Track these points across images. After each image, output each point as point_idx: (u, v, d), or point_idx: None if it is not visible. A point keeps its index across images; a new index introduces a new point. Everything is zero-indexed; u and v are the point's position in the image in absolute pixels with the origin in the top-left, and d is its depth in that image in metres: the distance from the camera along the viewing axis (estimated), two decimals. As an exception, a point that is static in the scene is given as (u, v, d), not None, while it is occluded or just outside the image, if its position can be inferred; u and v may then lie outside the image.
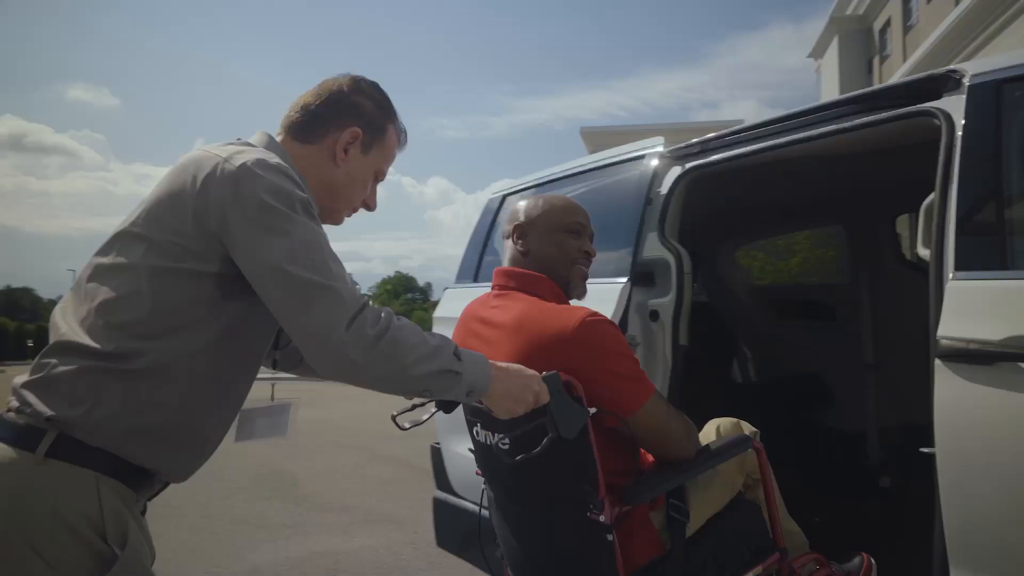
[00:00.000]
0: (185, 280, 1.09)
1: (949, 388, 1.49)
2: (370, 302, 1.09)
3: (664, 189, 2.47)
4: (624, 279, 2.36)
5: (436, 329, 2.99)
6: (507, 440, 1.49)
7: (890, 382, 3.46)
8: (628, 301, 2.33)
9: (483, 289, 1.79)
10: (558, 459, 1.41)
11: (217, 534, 4.19)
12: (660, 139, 2.59)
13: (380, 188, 1.40)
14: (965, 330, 1.49)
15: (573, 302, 1.68)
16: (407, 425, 1.35)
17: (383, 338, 1.05)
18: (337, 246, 1.14)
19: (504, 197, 3.55)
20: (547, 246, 1.65)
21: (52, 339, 1.11)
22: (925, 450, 1.56)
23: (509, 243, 1.70)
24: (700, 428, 1.84)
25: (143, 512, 1.16)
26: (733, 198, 3.21)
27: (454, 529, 2.87)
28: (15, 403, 1.07)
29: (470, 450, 1.63)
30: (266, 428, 1.39)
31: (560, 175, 3.19)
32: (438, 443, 2.97)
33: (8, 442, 1.03)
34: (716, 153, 2.40)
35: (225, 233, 1.07)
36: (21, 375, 1.10)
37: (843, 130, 2.02)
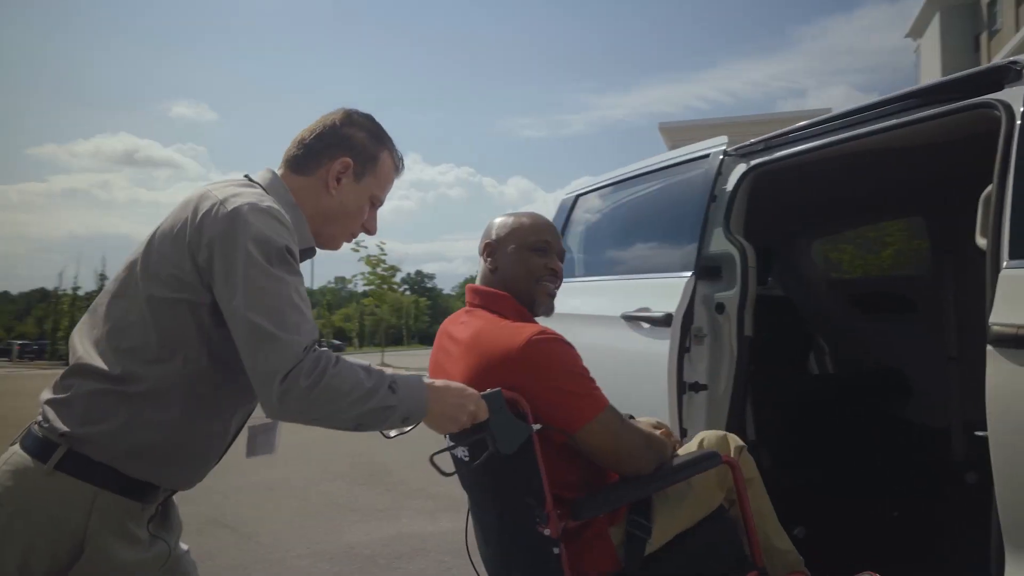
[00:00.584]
0: (182, 309, 1.17)
1: (1000, 373, 1.53)
2: (316, 346, 1.15)
3: (729, 186, 2.56)
4: (689, 273, 2.47)
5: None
6: (466, 450, 1.52)
7: (973, 375, 3.37)
8: (693, 294, 2.44)
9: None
10: (505, 472, 1.46)
11: (316, 516, 4.54)
12: (724, 138, 2.67)
13: (462, 189, 1.53)
14: (1016, 316, 1.52)
15: (541, 320, 1.69)
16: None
17: (316, 387, 1.11)
18: (420, 247, 1.28)
19: (577, 197, 3.68)
20: (513, 264, 1.68)
21: (71, 360, 1.20)
22: (979, 433, 1.60)
23: (480, 260, 1.75)
24: (771, 421, 1.83)
25: (154, 515, 1.23)
26: (800, 192, 3.21)
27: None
28: (39, 416, 1.17)
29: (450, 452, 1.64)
30: (263, 445, 1.48)
31: (630, 175, 3.30)
32: None
33: (28, 452, 1.14)
34: (779, 150, 2.46)
35: (210, 270, 1.16)
36: (47, 390, 1.20)
37: (903, 124, 2.05)
